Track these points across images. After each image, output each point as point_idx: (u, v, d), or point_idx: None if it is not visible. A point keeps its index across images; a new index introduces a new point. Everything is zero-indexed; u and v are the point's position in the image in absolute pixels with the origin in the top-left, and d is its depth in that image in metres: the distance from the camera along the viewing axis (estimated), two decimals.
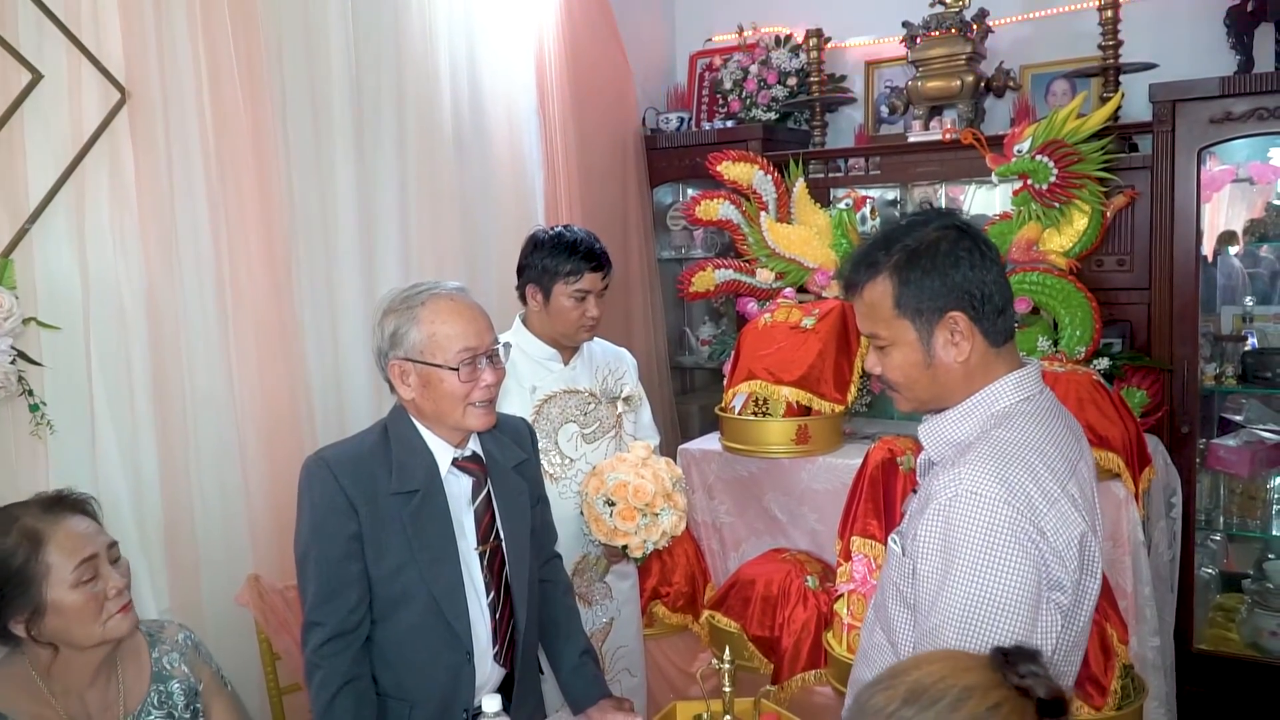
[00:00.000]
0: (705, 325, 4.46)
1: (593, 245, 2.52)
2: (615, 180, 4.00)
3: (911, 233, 1.51)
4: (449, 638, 1.84)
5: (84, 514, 1.63)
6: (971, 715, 0.89)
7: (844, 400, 2.91)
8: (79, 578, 1.54)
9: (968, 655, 0.98)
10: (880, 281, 1.51)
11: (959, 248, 1.48)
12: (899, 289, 1.49)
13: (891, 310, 1.50)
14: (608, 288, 2.57)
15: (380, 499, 1.81)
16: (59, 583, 1.53)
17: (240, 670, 2.47)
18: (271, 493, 2.53)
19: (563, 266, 2.48)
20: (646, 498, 2.35)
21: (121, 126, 2.28)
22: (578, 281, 2.48)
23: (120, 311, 2.29)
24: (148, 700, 1.69)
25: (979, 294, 1.47)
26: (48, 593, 1.52)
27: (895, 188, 3.78)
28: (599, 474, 2.42)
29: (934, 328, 1.48)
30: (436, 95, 3.16)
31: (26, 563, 1.52)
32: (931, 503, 1.43)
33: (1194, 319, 3.13)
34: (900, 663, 0.98)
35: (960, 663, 0.95)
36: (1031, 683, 0.92)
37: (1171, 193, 3.11)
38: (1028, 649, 0.95)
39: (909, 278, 1.48)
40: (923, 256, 1.48)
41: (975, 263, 1.48)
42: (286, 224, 2.66)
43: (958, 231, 1.50)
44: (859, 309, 1.57)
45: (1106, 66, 3.33)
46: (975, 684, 0.92)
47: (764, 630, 2.83)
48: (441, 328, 1.80)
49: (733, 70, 4.23)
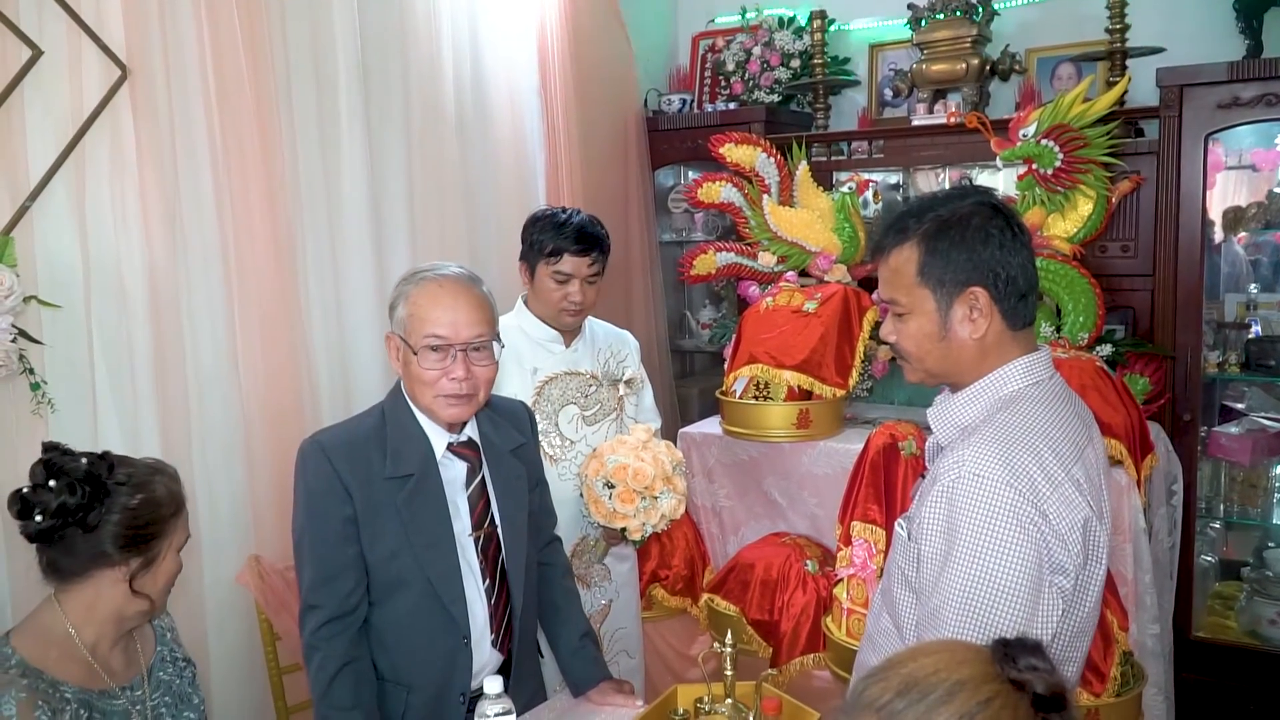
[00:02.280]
0: (706, 309, 4.46)
1: (583, 227, 2.48)
2: (616, 162, 3.98)
3: (947, 204, 1.50)
4: (445, 622, 1.85)
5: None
6: (962, 709, 0.88)
7: (845, 385, 2.91)
8: (180, 548, 1.66)
9: (967, 647, 0.97)
10: (907, 248, 1.50)
11: (991, 225, 1.48)
12: (925, 257, 1.48)
13: (914, 278, 1.50)
14: (599, 274, 2.53)
15: (375, 483, 1.81)
16: (173, 547, 1.64)
17: (241, 649, 2.48)
18: (276, 473, 2.52)
19: (546, 245, 2.47)
20: (646, 481, 2.35)
21: (123, 103, 2.26)
22: (557, 263, 2.46)
23: (121, 290, 2.28)
24: (158, 656, 1.76)
25: (1004, 274, 1.47)
26: (165, 551, 1.62)
27: (898, 171, 3.76)
28: (599, 456, 2.42)
29: (954, 301, 1.48)
30: (439, 74, 3.14)
31: (169, 518, 1.63)
32: (935, 485, 1.43)
33: (1198, 306, 3.12)
34: (898, 653, 0.97)
35: (957, 655, 0.94)
36: (1030, 677, 0.90)
37: (1177, 178, 3.09)
38: (1030, 641, 0.94)
39: (936, 247, 1.48)
40: (953, 228, 1.48)
41: (1005, 243, 1.48)
42: (291, 202, 2.64)
43: (992, 209, 1.50)
44: (882, 273, 1.56)
45: (1113, 50, 3.31)
46: (968, 677, 0.90)
47: (763, 614, 2.83)
48: (420, 310, 1.80)
49: (735, 52, 4.20)
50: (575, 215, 2.52)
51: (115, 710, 1.63)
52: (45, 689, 1.54)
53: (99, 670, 1.62)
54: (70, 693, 1.57)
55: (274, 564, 2.48)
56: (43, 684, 1.54)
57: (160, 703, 1.72)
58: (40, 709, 1.50)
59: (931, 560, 1.43)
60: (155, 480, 1.62)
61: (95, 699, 1.60)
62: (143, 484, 1.60)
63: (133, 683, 1.69)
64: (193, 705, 1.78)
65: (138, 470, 1.62)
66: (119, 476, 1.58)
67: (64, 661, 1.59)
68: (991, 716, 0.88)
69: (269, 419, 2.56)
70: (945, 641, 0.99)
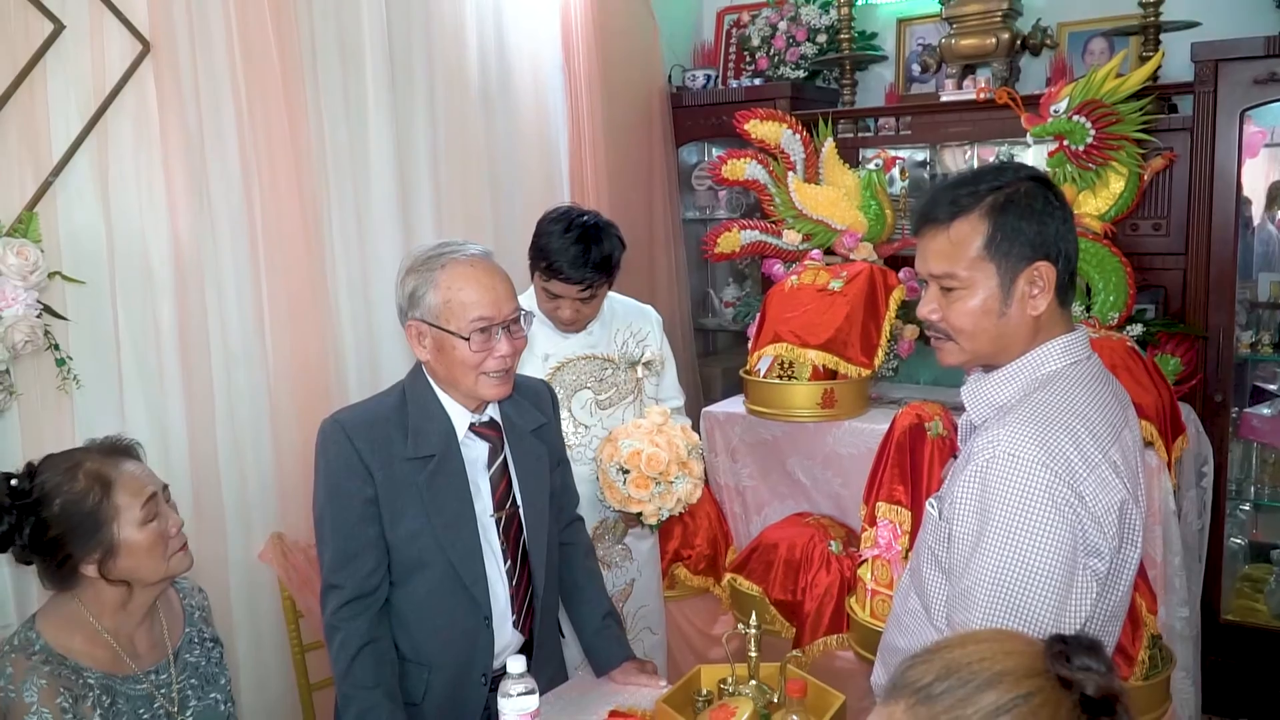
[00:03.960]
0: (729, 287, 4.42)
1: (585, 251, 2.32)
2: (640, 138, 3.95)
3: (1000, 177, 1.47)
4: (466, 603, 1.84)
5: (135, 458, 1.68)
6: (999, 700, 0.84)
7: (871, 364, 2.88)
8: (145, 516, 1.60)
9: (1020, 638, 0.92)
10: (972, 220, 1.46)
11: (1050, 201, 1.46)
12: (993, 230, 1.44)
13: (979, 251, 1.45)
14: (593, 296, 2.42)
15: (396, 463, 1.80)
16: (129, 523, 1.59)
17: (264, 626, 2.49)
18: (303, 451, 2.51)
19: (539, 261, 2.39)
20: (660, 466, 2.33)
21: (146, 77, 2.26)
22: (547, 282, 2.40)
23: (146, 265, 2.28)
24: (185, 638, 1.76)
25: (1065, 250, 1.46)
26: (119, 532, 1.58)
27: (926, 148, 3.70)
28: (613, 441, 2.40)
29: (1017, 275, 1.45)
30: (463, 47, 3.12)
31: (99, 505, 1.57)
32: (969, 465, 1.41)
33: (1231, 285, 3.06)
34: (948, 637, 0.94)
35: (1007, 645, 0.90)
36: (1081, 676, 0.85)
37: (1211, 155, 3.03)
38: (1087, 639, 0.88)
39: (1004, 221, 1.44)
40: (1019, 202, 1.44)
41: (1065, 217, 1.47)
42: (317, 176, 2.63)
43: (1044, 185, 1.48)
44: (933, 246, 1.50)
45: (1146, 24, 3.24)
46: (1013, 668, 0.86)
47: (786, 594, 2.82)
48: (458, 294, 1.76)
49: (761, 27, 4.15)
50: (587, 229, 2.35)
51: (139, 694, 1.64)
52: (68, 675, 1.54)
53: (122, 655, 1.63)
54: (94, 678, 1.57)
55: (297, 541, 2.49)
56: (65, 670, 1.54)
57: (186, 685, 1.72)
58: (62, 695, 1.51)
59: (963, 541, 1.41)
60: (62, 483, 1.56)
61: (119, 684, 1.61)
62: (47, 495, 1.55)
63: (158, 666, 1.69)
64: (219, 686, 1.78)
65: (48, 478, 1.56)
66: (21, 493, 1.55)
67: (88, 646, 1.60)
68: (1030, 712, 0.84)
69: (296, 395, 2.56)
70: (999, 631, 0.96)
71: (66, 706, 1.51)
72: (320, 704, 2.39)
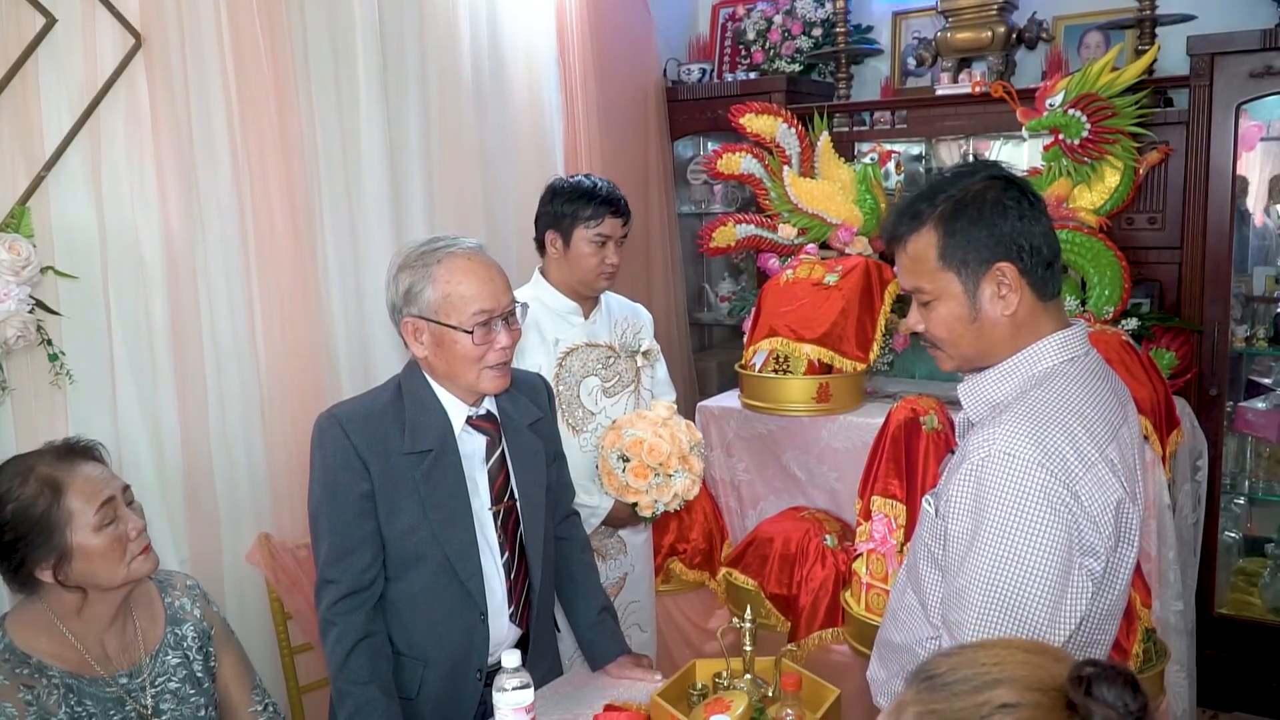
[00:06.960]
0: (725, 281, 4.42)
1: (613, 190, 2.52)
2: (635, 132, 3.94)
3: (957, 183, 1.46)
4: (463, 598, 1.84)
5: (95, 460, 1.65)
6: (990, 701, 0.82)
7: (866, 358, 2.88)
8: (101, 521, 1.57)
9: (1053, 653, 0.88)
10: (925, 233, 1.46)
11: (1006, 198, 1.44)
12: (944, 240, 1.44)
13: (936, 262, 1.46)
14: (626, 236, 2.55)
15: (393, 458, 1.79)
16: (82, 527, 1.56)
17: (254, 626, 2.48)
18: (295, 448, 2.51)
19: (583, 211, 2.46)
20: (660, 457, 2.33)
21: (138, 71, 2.24)
22: (598, 225, 2.46)
23: (138, 260, 2.27)
24: (164, 642, 1.72)
25: (1027, 245, 1.43)
26: (72, 537, 1.55)
27: (921, 142, 3.70)
28: (618, 429, 2.40)
29: (980, 280, 1.44)
30: (456, 42, 3.10)
31: (49, 510, 1.54)
32: (965, 463, 1.40)
33: (1226, 279, 3.07)
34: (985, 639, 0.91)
35: (1035, 656, 0.85)
36: (1094, 709, 0.79)
37: (1207, 149, 3.03)
38: (1121, 671, 0.81)
39: (954, 228, 1.44)
40: (969, 206, 1.43)
41: (1024, 213, 1.44)
42: (309, 172, 2.62)
43: (1005, 182, 1.46)
44: (901, 263, 1.52)
45: (1142, 18, 3.24)
46: (1022, 677, 0.82)
47: (781, 588, 2.83)
48: (457, 288, 1.76)
49: (756, 20, 4.15)
50: (600, 181, 2.53)
51: (108, 697, 1.61)
52: (29, 674, 1.53)
53: (89, 659, 1.61)
54: (58, 676, 1.56)
55: (284, 542, 2.47)
56: (27, 670, 1.53)
57: (164, 688, 1.69)
58: (24, 691, 1.50)
59: (958, 539, 1.41)
60: (13, 488, 1.54)
61: (85, 684, 1.59)
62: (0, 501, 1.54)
63: (131, 670, 1.66)
64: (203, 689, 1.74)
65: (0, 483, 1.55)
66: None
67: (54, 648, 1.59)
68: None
69: (288, 392, 2.54)
70: (1038, 643, 0.90)
71: (30, 700, 1.50)
72: (309, 706, 2.39)
